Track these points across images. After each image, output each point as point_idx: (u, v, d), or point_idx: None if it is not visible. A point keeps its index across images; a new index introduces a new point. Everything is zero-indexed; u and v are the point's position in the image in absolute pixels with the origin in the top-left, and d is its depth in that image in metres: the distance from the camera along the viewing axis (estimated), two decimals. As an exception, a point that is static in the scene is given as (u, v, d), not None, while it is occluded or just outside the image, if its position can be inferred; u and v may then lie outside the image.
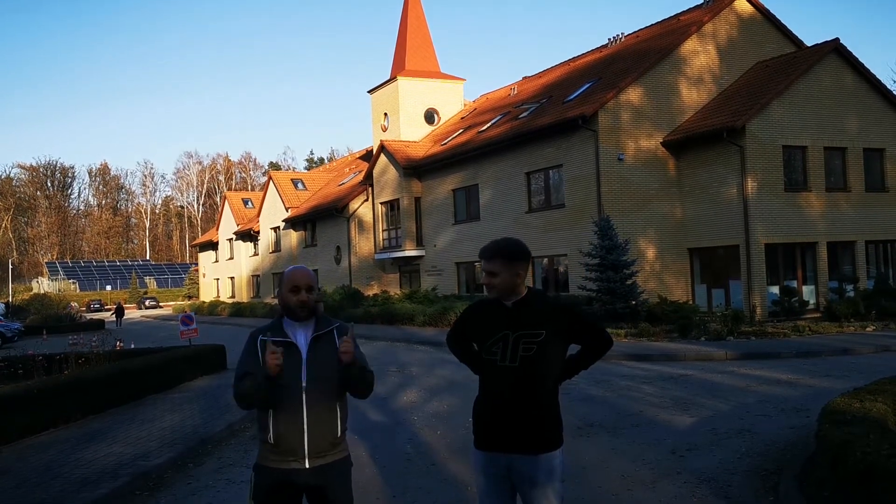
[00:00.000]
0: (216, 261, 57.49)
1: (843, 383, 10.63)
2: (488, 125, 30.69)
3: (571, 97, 26.39)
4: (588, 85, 26.56)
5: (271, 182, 46.53)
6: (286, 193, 44.65)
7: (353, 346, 3.50)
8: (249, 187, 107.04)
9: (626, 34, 31.61)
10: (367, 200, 36.78)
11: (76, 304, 59.34)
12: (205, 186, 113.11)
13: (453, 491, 6.64)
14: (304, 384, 3.49)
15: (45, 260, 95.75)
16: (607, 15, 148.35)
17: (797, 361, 14.27)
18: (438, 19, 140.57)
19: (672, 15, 29.63)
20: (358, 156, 50.10)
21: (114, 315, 44.89)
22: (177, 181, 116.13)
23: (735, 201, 22.23)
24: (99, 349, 14.33)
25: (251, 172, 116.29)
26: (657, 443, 8.01)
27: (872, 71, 24.13)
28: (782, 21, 26.47)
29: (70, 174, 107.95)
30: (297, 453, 3.50)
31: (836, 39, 23.51)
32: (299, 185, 46.60)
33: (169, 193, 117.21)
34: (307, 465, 3.50)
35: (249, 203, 54.01)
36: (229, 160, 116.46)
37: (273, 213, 45.70)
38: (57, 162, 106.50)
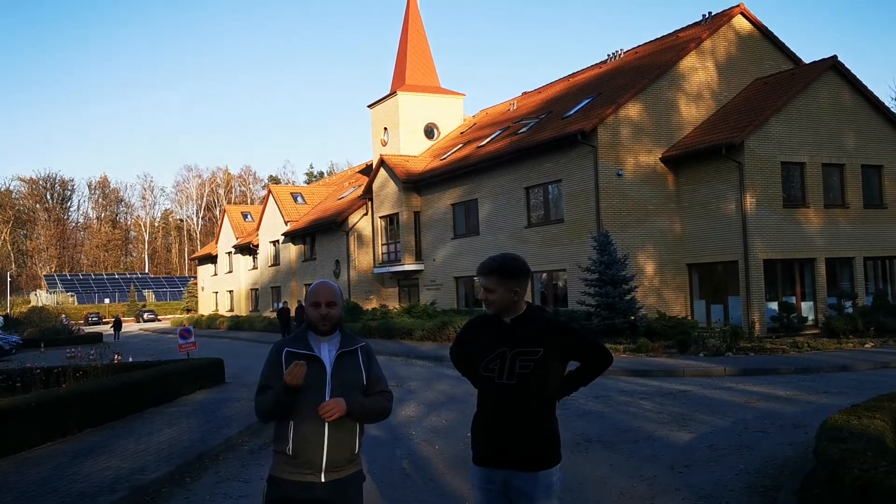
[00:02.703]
0: (215, 274, 57.45)
1: (842, 400, 10.62)
2: (488, 140, 30.79)
3: (571, 112, 26.49)
4: (587, 100, 26.67)
5: (271, 196, 46.60)
6: (285, 207, 44.71)
7: (335, 406, 3.45)
8: (249, 201, 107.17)
9: (625, 50, 31.78)
10: (366, 214, 36.83)
11: (67, 316, 58.89)
12: (204, 200, 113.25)
13: (451, 506, 6.62)
14: (327, 399, 3.50)
15: (44, 272, 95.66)
16: (606, 31, 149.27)
17: (796, 377, 14.26)
18: (439, 34, 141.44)
19: (671, 31, 29.81)
20: (357, 170, 50.21)
21: (112, 328, 44.82)
22: (176, 194, 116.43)
23: (734, 217, 22.29)
24: (97, 362, 14.32)
25: (251, 186, 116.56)
26: (655, 458, 8.00)
27: (870, 88, 24.29)
28: (780, 38, 26.66)
29: (69, 187, 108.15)
30: (315, 467, 3.51)
31: (834, 56, 23.66)
32: (299, 199, 46.66)
33: (168, 206, 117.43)
34: (323, 479, 3.51)
35: (249, 216, 54.03)
36: (229, 174, 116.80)
37: (272, 227, 45.73)
38: (56, 174, 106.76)
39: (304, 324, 3.74)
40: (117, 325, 44.41)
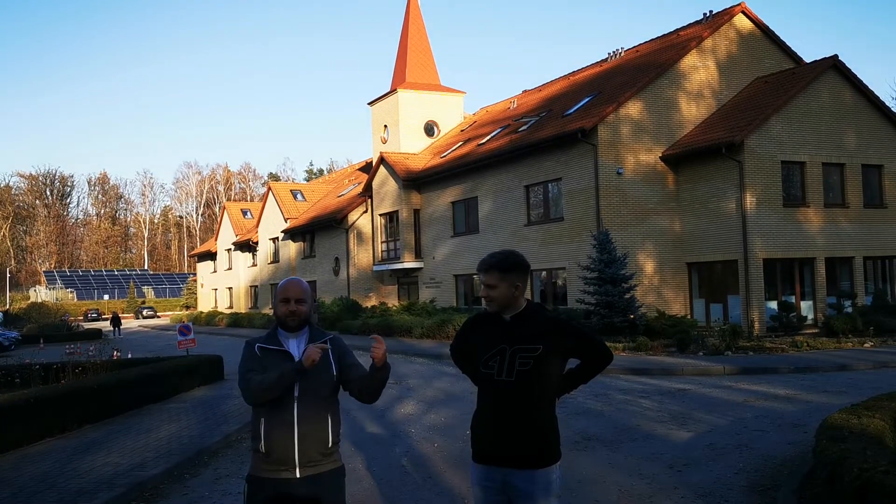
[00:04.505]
0: (214, 271, 57.46)
1: (841, 399, 10.63)
2: (488, 138, 30.77)
3: (571, 111, 26.47)
4: (588, 99, 26.65)
5: (270, 193, 46.58)
6: (285, 204, 44.70)
7: (384, 349, 3.56)
8: (248, 198, 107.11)
9: (625, 49, 31.74)
10: (366, 212, 36.81)
11: (68, 313, 58.81)
12: (204, 197, 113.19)
13: (450, 504, 6.62)
14: (295, 394, 3.53)
15: (43, 269, 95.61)
16: (607, 30, 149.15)
17: (795, 377, 14.26)
18: (439, 32, 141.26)
19: (672, 30, 29.78)
20: (357, 167, 50.19)
21: (111, 324, 44.82)
22: (176, 191, 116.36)
23: (734, 216, 22.28)
24: (96, 359, 14.31)
25: (250, 183, 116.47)
26: (655, 457, 8.00)
27: (871, 88, 24.26)
28: (781, 37, 26.64)
29: (69, 183, 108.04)
30: (288, 463, 3.52)
31: (835, 56, 23.64)
32: (298, 197, 46.65)
33: (168, 203, 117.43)
34: (298, 475, 3.52)
35: (248, 214, 54.05)
36: (229, 171, 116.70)
37: (272, 224, 45.73)
38: (56, 171, 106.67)
39: (274, 322, 3.78)
40: (115, 321, 44.41)
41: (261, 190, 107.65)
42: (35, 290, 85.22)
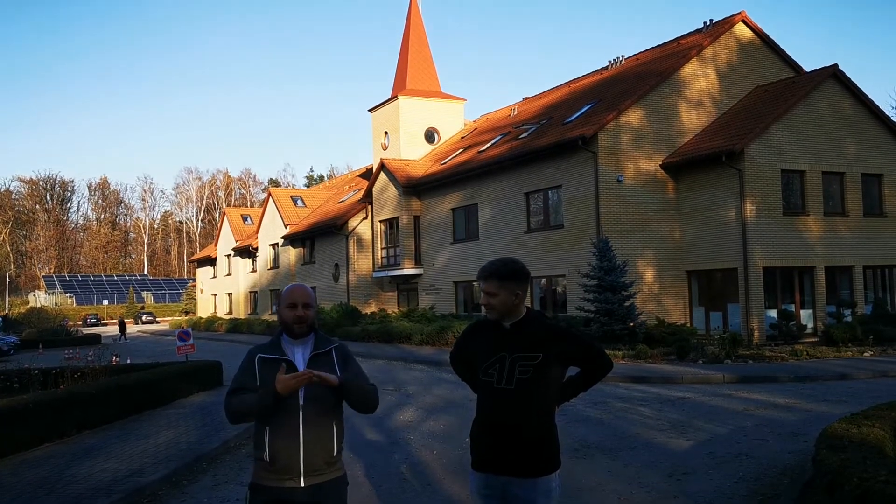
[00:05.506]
0: (214, 276, 57.42)
1: (841, 408, 10.61)
2: (488, 145, 30.80)
3: (571, 118, 26.51)
4: (588, 106, 26.69)
5: (271, 198, 46.61)
6: (285, 210, 44.72)
7: (312, 373, 3.43)
8: (249, 203, 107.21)
9: (626, 57, 31.81)
10: (366, 218, 36.83)
11: (67, 318, 58.82)
12: (204, 202, 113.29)
13: (449, 512, 6.60)
14: (301, 402, 3.49)
15: (43, 273, 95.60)
16: (608, 37, 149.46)
17: (795, 385, 14.25)
18: (440, 39, 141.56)
19: (672, 38, 29.85)
20: (358, 174, 50.24)
21: (118, 329, 44.96)
22: (176, 196, 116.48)
23: (733, 224, 22.29)
24: (95, 364, 14.28)
25: (251, 189, 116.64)
26: (654, 466, 7.99)
27: (871, 97, 24.31)
28: (781, 46, 26.70)
29: (69, 188, 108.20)
30: (293, 472, 3.48)
31: (835, 65, 23.68)
32: (299, 202, 46.68)
33: (168, 208, 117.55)
34: (303, 484, 3.49)
35: (248, 219, 54.04)
36: (229, 176, 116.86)
37: (272, 230, 45.73)
38: (56, 176, 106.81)
39: (279, 329, 3.71)
40: (122, 326, 44.57)
41: (261, 196, 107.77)
42: (34, 295, 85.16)
